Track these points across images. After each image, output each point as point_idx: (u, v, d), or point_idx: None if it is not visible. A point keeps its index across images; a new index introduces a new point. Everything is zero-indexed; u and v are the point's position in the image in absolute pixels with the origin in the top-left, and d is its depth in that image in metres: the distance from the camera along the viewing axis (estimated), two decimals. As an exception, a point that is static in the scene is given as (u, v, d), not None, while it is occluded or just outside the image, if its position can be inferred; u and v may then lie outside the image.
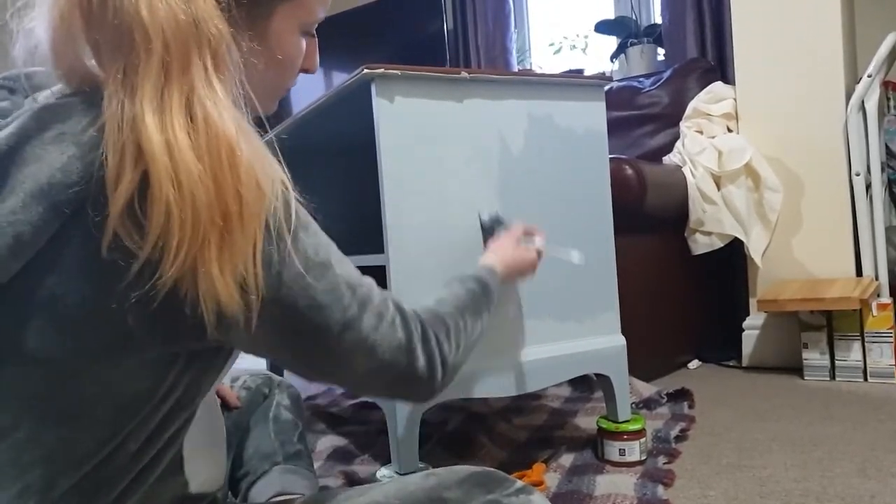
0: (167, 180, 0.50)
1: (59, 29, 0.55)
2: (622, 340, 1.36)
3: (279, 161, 0.59)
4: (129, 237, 0.52)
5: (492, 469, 0.72)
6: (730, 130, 2.25)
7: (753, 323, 2.18)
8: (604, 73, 2.98)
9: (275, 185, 0.56)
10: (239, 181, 0.53)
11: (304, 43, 0.69)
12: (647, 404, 1.69)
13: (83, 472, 0.57)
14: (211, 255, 0.52)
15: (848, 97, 2.04)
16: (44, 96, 0.59)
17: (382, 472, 1.19)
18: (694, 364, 2.24)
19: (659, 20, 2.90)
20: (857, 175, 2.01)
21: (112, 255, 0.52)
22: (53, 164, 0.52)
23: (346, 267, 0.65)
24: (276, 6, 0.64)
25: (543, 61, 3.38)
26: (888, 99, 2.23)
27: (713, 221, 2.13)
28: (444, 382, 0.74)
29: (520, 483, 0.71)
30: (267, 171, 0.56)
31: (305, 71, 0.72)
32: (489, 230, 1.16)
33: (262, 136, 0.59)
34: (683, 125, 2.36)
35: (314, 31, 0.71)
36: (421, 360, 0.70)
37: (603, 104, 1.35)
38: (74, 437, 0.56)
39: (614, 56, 2.97)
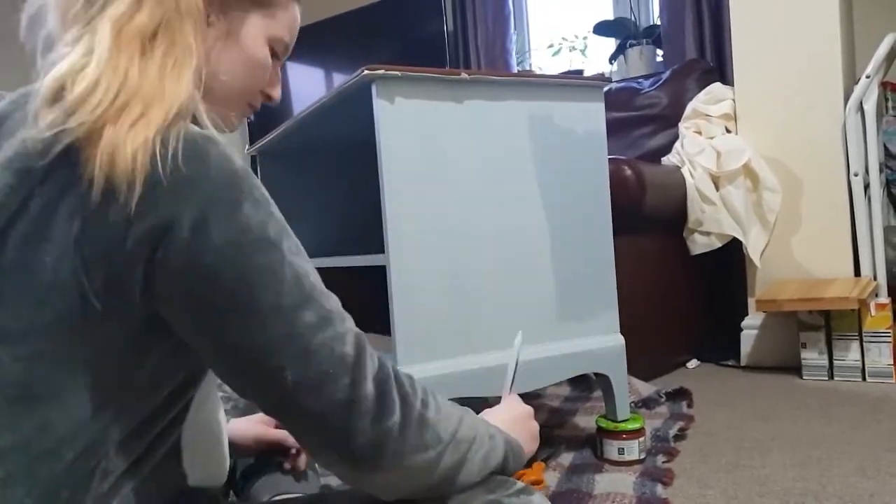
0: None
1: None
2: (621, 340, 1.36)
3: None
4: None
5: None
6: (728, 131, 2.25)
7: (752, 323, 2.18)
8: (603, 75, 2.99)
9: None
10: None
11: (269, 56, 0.74)
12: (646, 403, 1.70)
13: (65, 461, 0.57)
14: (123, 123, 0.55)
15: (846, 98, 2.04)
16: None
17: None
18: (693, 364, 2.25)
19: (658, 21, 2.91)
20: (856, 175, 2.01)
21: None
22: (19, 137, 0.58)
23: (303, 263, 0.61)
24: (251, 12, 0.71)
25: (543, 62, 3.39)
26: (886, 99, 2.24)
27: (712, 222, 2.14)
28: (391, 443, 0.60)
29: (520, 484, 0.71)
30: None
31: (268, 98, 0.77)
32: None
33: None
34: (682, 126, 2.37)
35: (280, 57, 0.76)
36: (369, 388, 0.59)
37: (602, 105, 1.36)
38: (48, 422, 0.56)
39: (613, 57, 2.97)
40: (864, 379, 1.91)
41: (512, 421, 0.79)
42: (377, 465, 0.60)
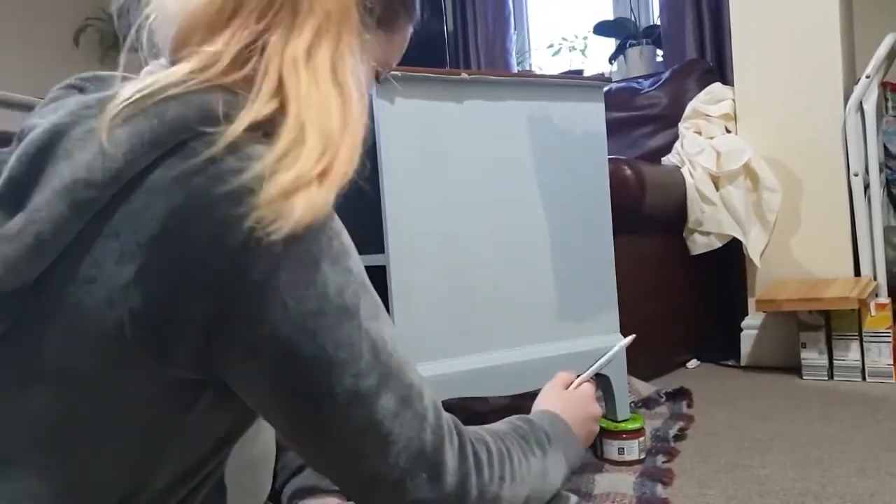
0: None
1: None
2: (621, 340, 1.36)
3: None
4: None
5: None
6: (728, 131, 2.25)
7: (752, 323, 2.18)
8: (603, 75, 2.99)
9: None
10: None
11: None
12: (646, 403, 1.70)
13: None
14: None
15: (846, 98, 2.04)
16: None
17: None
18: (693, 364, 2.25)
19: (658, 21, 2.91)
20: (856, 175, 2.01)
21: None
22: (81, 161, 0.50)
23: (380, 327, 0.55)
24: (403, 24, 0.78)
25: (543, 62, 3.38)
26: (886, 99, 2.24)
27: (712, 222, 2.14)
28: None
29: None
30: None
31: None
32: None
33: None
34: (682, 126, 2.37)
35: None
36: (450, 478, 0.57)
37: (602, 105, 1.36)
38: (88, 466, 0.53)
39: (613, 57, 2.97)
40: (863, 379, 1.91)
41: (575, 420, 0.83)
42: None
